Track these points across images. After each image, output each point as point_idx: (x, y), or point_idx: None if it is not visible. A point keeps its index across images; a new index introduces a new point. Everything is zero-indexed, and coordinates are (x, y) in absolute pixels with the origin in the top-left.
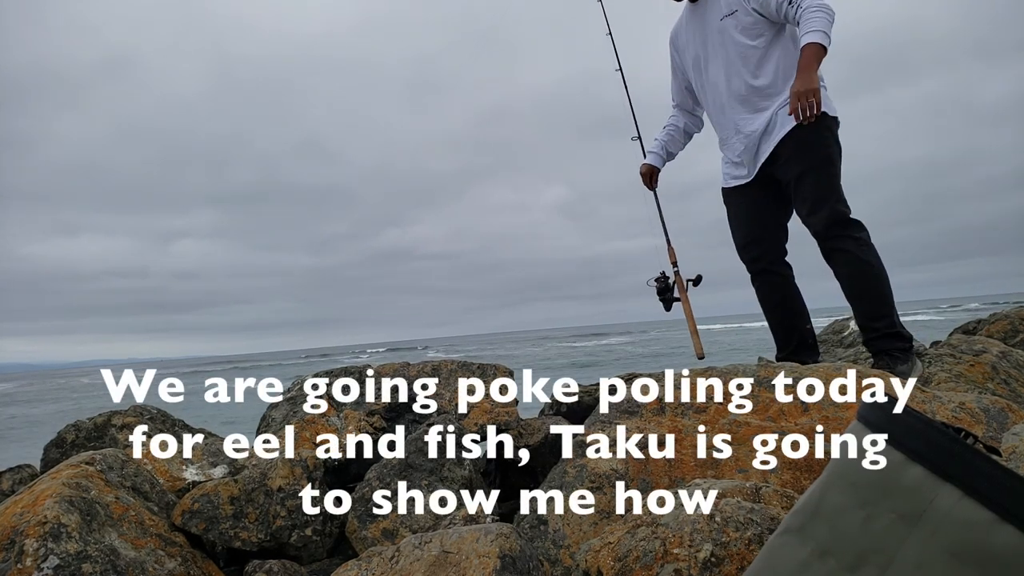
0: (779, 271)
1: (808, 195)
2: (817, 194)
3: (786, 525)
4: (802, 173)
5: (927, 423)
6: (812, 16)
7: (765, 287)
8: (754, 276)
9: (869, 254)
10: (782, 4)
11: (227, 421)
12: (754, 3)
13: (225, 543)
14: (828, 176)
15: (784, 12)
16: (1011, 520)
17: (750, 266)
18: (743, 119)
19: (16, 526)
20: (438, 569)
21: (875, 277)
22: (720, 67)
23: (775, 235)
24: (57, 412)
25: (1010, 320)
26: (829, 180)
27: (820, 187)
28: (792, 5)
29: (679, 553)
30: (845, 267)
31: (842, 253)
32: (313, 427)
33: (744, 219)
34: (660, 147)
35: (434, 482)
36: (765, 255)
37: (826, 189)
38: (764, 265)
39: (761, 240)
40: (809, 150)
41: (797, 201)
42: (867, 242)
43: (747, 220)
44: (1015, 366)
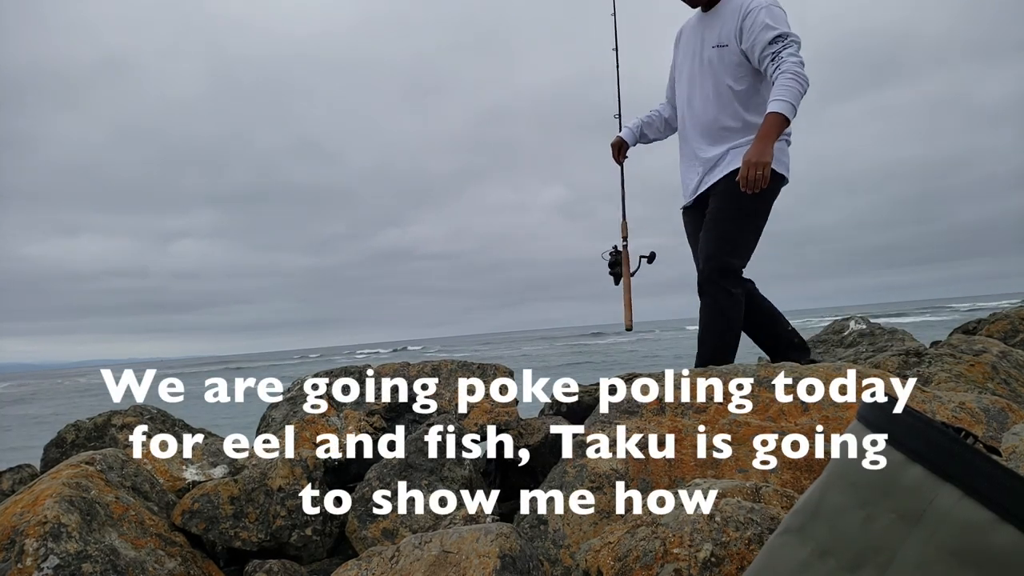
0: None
1: (711, 237)
2: (717, 242)
3: (786, 525)
4: (718, 216)
5: (927, 423)
6: (785, 83)
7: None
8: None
9: (731, 311)
10: (764, 58)
11: (227, 421)
12: (744, 43)
13: (225, 543)
14: (738, 228)
15: (764, 67)
16: (1011, 520)
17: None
18: (702, 147)
19: (16, 526)
20: (438, 569)
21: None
22: (698, 93)
23: None
24: (57, 412)
25: (1010, 320)
26: (737, 232)
27: (723, 236)
28: (773, 63)
29: (679, 553)
30: (705, 315)
31: (710, 301)
32: (313, 427)
33: (692, 241)
34: (636, 126)
35: (434, 482)
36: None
37: (726, 240)
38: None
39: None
40: (734, 200)
41: (702, 238)
42: (738, 300)
43: (693, 242)
44: (1015, 366)
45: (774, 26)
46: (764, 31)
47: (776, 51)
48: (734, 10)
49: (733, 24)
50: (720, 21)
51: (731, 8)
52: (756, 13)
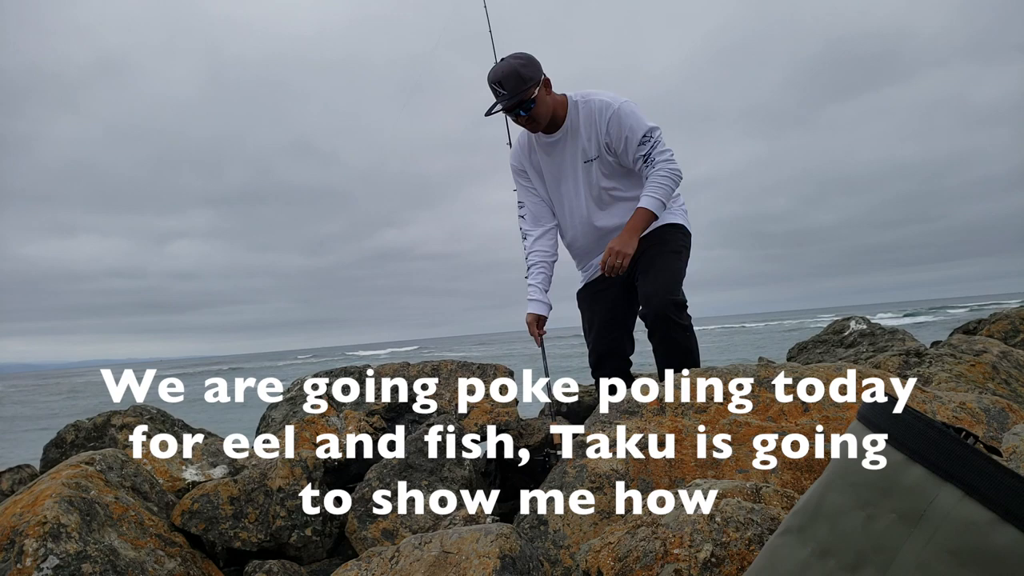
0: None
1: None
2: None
3: (787, 525)
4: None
5: (928, 423)
6: (658, 181)
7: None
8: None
9: (692, 342)
10: (638, 160)
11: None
12: (610, 155)
13: (225, 543)
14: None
15: (639, 168)
16: (1012, 520)
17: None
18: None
19: (16, 526)
20: (438, 569)
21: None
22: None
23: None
24: (56, 412)
25: (1010, 320)
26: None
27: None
28: (648, 165)
29: (679, 553)
30: (671, 352)
31: (670, 339)
32: (313, 427)
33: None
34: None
35: (434, 482)
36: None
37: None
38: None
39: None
40: (667, 243)
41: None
42: (692, 330)
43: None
44: (1015, 366)
45: (637, 128)
46: (631, 135)
47: (646, 153)
48: (588, 123)
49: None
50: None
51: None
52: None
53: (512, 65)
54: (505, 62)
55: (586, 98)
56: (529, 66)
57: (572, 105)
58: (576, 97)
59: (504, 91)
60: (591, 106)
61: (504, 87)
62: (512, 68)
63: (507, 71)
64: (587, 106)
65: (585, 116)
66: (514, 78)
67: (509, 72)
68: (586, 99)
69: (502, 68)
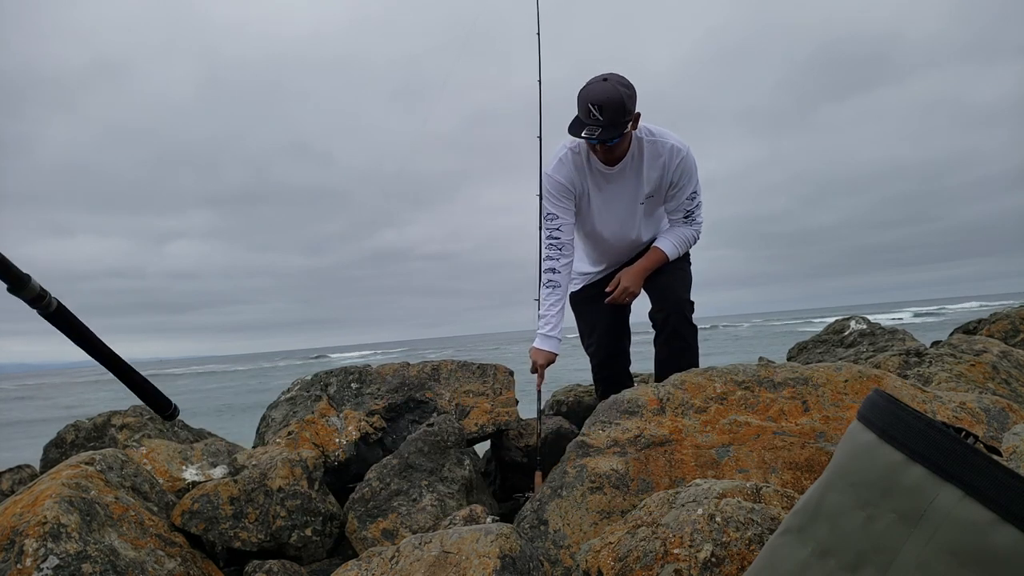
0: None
1: (675, 281)
2: (683, 284)
3: (786, 525)
4: (671, 265)
5: (928, 423)
6: (684, 236)
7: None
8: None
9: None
10: (678, 211)
11: (227, 421)
12: (667, 195)
13: (225, 543)
14: (688, 273)
15: (672, 213)
16: (1012, 520)
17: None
18: (627, 258)
19: (16, 526)
20: (438, 569)
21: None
22: (634, 229)
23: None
24: (56, 412)
25: (1010, 320)
26: (688, 276)
27: (685, 279)
28: (686, 220)
29: (679, 553)
30: (680, 355)
31: (682, 342)
32: (313, 427)
33: (595, 320)
34: (556, 329)
35: (434, 482)
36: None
37: (687, 282)
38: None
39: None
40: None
41: (663, 282)
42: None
43: (597, 320)
44: (1015, 366)
45: (691, 183)
46: (687, 187)
47: (690, 210)
48: (654, 162)
49: (657, 179)
50: (636, 174)
51: (648, 160)
52: (682, 171)
53: (620, 93)
54: (611, 85)
55: (652, 137)
56: (633, 98)
57: (636, 140)
58: (641, 133)
59: (602, 117)
60: (659, 148)
61: (603, 113)
62: (619, 96)
63: (612, 97)
64: (653, 146)
65: (651, 154)
66: (617, 108)
67: (614, 99)
68: (652, 139)
69: (607, 92)
